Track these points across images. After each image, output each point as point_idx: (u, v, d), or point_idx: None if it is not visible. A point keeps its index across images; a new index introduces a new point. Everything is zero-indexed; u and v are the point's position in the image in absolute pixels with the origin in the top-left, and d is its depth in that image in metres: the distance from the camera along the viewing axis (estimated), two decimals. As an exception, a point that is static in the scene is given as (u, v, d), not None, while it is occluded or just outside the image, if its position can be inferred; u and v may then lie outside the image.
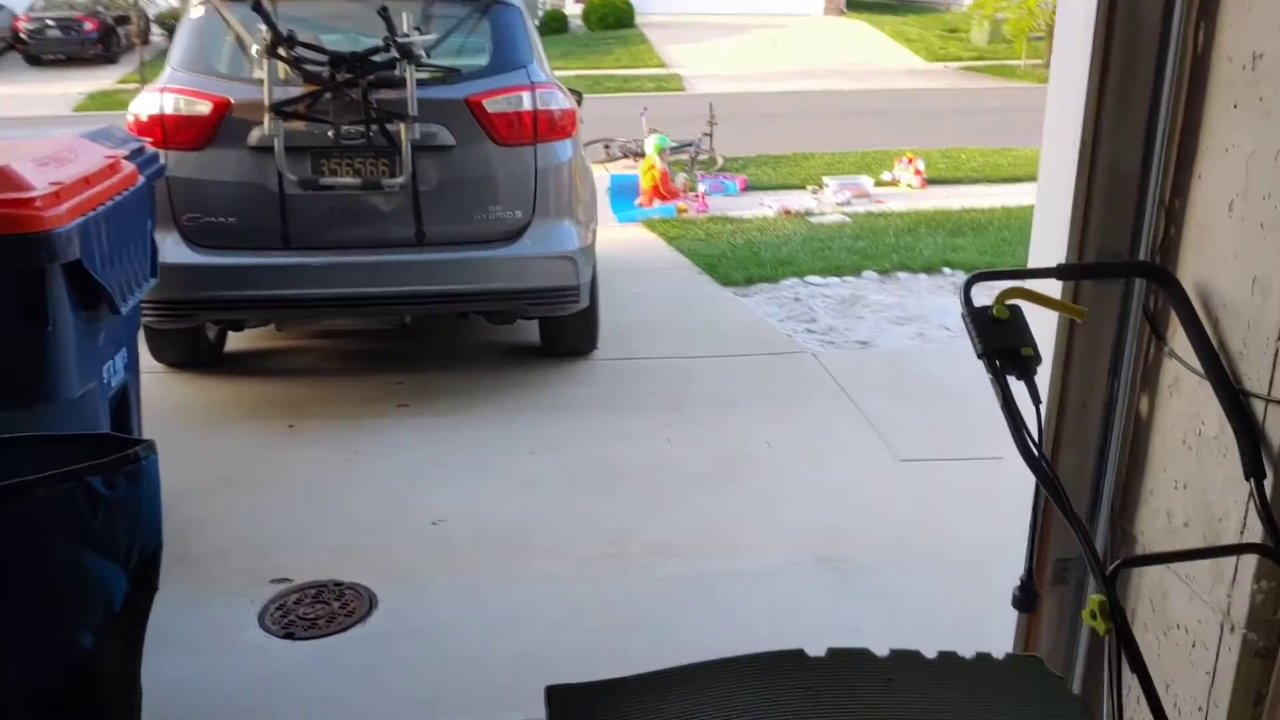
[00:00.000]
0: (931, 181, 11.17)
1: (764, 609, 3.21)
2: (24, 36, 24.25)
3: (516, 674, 2.89)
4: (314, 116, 4.44)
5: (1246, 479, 1.84)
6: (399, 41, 4.36)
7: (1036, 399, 1.93)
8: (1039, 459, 1.81)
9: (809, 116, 17.21)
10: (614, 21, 28.72)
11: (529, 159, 4.62)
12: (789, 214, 9.56)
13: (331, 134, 4.44)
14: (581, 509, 3.85)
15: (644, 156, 10.97)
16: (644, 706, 1.49)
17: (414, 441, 4.45)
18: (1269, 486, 1.84)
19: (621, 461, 4.26)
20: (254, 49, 4.44)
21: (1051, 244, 2.29)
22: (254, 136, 4.47)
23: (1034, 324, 1.94)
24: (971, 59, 26.16)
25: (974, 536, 3.64)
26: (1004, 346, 1.91)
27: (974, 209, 9.48)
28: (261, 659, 2.96)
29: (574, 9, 29.59)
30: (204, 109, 4.49)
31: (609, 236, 7.25)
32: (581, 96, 5.63)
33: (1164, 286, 2.06)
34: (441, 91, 4.58)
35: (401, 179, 4.48)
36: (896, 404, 4.85)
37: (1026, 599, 1.98)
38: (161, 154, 3.84)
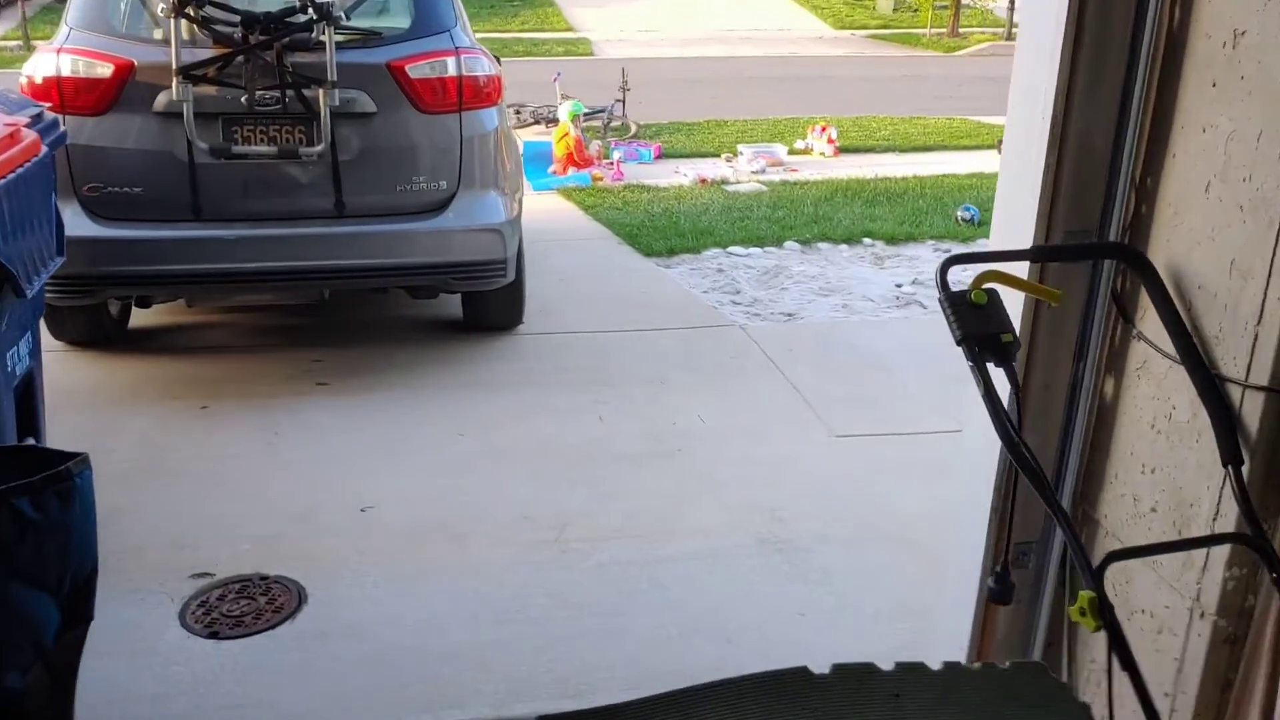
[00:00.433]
0: (844, 150, 11.21)
1: (710, 595, 3.14)
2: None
3: (459, 669, 2.78)
4: (225, 81, 4.21)
5: (1224, 465, 1.81)
6: (316, 1, 4.14)
7: (1016, 385, 1.87)
8: (1023, 449, 1.76)
9: (720, 83, 17.14)
10: (520, -17, 28.18)
11: (454, 127, 4.45)
12: (705, 182, 9.49)
13: (245, 99, 4.21)
14: (516, 492, 3.73)
15: (557, 123, 10.80)
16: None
17: (337, 423, 4.27)
18: (1246, 473, 1.81)
19: (553, 440, 4.14)
20: (159, 7, 4.18)
21: (1018, 223, 2.22)
22: (160, 101, 4.22)
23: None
24: (878, 26, 26.37)
25: (912, 512, 3.64)
26: (983, 333, 1.85)
27: (888, 178, 9.54)
28: (186, 661, 2.79)
29: (479, -30, 28.98)
30: (105, 71, 4.22)
31: (525, 206, 7.09)
32: (499, 61, 5.45)
33: (1136, 269, 2.02)
34: (362, 55, 4.37)
35: (320, 148, 4.27)
36: (826, 377, 4.82)
37: (1002, 591, 1.94)
38: (60, 120, 3.58)
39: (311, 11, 4.18)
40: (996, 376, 1.83)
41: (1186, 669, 2.01)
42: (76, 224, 4.18)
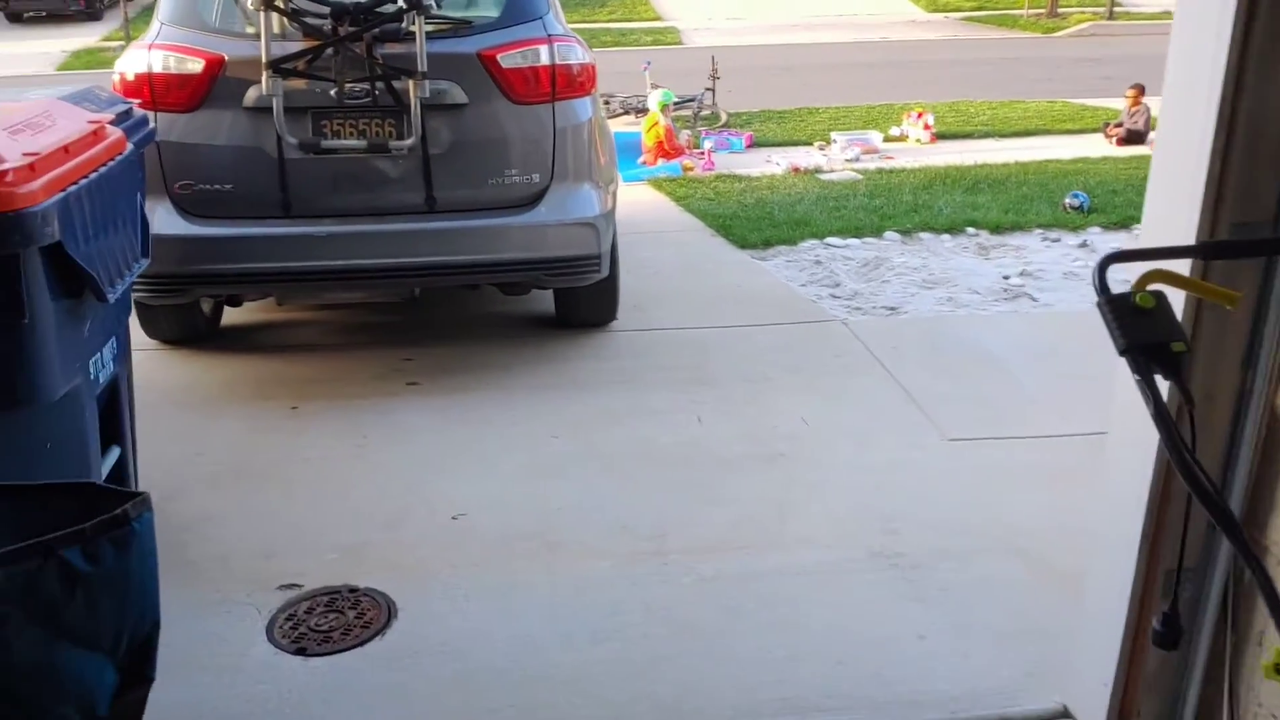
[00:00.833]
0: (940, 136, 10.88)
1: (822, 614, 2.93)
2: (2, -8, 23.64)
3: (553, 693, 2.63)
4: (315, 74, 4.10)
5: None
6: (406, -10, 4.02)
7: (1190, 402, 1.64)
8: (1203, 480, 1.53)
9: (810, 70, 16.83)
10: (606, -27, 28.07)
11: (546, 118, 4.29)
12: (798, 171, 9.26)
13: (334, 93, 4.10)
14: (613, 499, 3.57)
15: (646, 113, 10.64)
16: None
17: (427, 424, 4.15)
18: None
19: (651, 444, 3.97)
20: (249, 1, 4.09)
21: (1176, 214, 1.99)
22: (250, 96, 4.13)
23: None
24: (972, 9, 25.74)
25: (1034, 523, 3.40)
26: (1151, 341, 1.62)
27: (988, 164, 9.22)
28: (272, 680, 2.67)
29: (565, -40, 28.91)
30: (196, 67, 4.15)
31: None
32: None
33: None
34: (452, 45, 4.23)
35: (410, 141, 4.14)
36: (936, 376, 4.57)
37: (1169, 634, 1.71)
38: (151, 117, 3.51)
39: (401, 1, 4.06)
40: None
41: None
42: (168, 222, 4.13)
